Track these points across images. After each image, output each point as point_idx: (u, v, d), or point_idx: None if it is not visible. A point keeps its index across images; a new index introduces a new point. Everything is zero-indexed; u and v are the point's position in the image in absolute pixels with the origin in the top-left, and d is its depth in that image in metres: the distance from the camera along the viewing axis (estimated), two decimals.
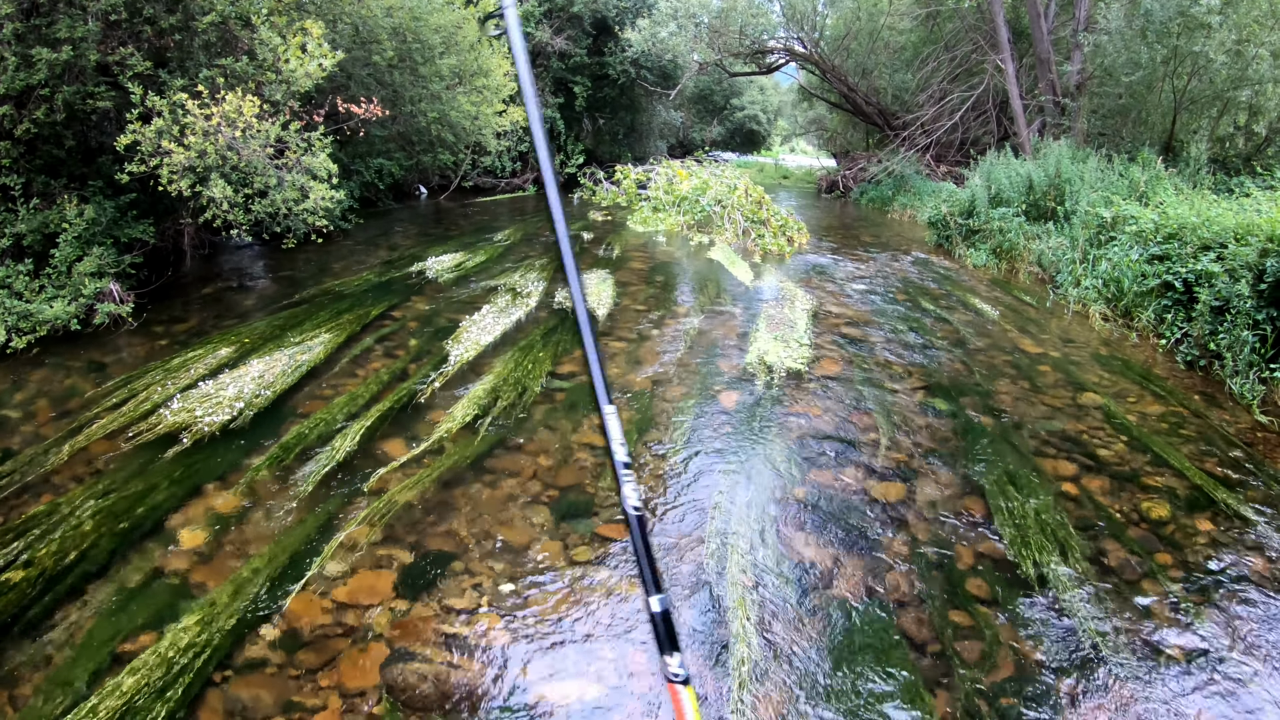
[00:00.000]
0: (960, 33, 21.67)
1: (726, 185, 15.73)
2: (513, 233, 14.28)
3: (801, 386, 6.79)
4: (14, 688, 3.31)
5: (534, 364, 6.97)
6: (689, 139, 36.46)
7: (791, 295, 9.79)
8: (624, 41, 22.64)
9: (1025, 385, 7.03)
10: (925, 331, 8.54)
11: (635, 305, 9.24)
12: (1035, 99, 17.94)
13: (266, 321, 8.01)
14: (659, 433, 5.84)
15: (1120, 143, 15.00)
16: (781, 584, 4.12)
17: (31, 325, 7.01)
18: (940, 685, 3.48)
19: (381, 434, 5.66)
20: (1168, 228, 8.88)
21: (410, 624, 3.77)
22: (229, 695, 3.32)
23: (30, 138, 7.47)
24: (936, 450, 5.72)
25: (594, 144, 25.45)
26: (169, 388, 6.21)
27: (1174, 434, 6.12)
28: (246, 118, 7.37)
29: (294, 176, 7.86)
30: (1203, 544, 4.64)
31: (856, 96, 24.29)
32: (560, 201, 1.67)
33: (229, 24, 7.81)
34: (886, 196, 20.61)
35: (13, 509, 4.57)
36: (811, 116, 33.58)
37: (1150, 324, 8.59)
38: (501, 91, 15.33)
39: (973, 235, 13.18)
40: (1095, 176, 12.37)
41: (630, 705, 3.30)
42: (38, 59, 6.83)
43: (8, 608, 3.73)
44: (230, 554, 4.27)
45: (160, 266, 9.40)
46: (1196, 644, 3.77)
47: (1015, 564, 4.37)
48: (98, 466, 5.09)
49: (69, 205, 7.65)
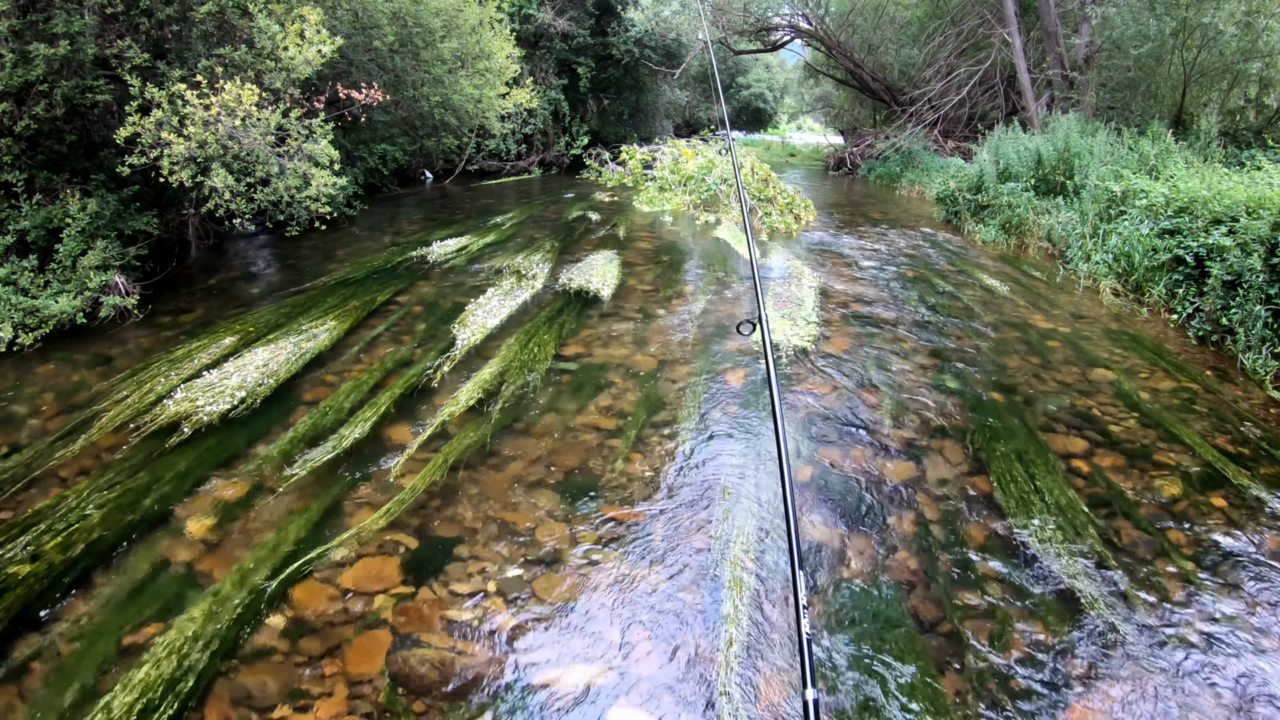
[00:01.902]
0: (966, 6, 21.47)
1: (732, 164, 15.63)
2: (517, 215, 14.22)
3: (809, 364, 6.74)
4: (23, 681, 3.31)
5: (539, 347, 6.94)
6: (695, 118, 36.28)
7: (799, 273, 9.73)
8: (627, 21, 22.54)
9: (1035, 361, 6.98)
10: (934, 308, 8.49)
11: (641, 285, 9.20)
12: (1043, 73, 17.78)
13: (272, 310, 8.00)
14: (666, 412, 5.81)
15: (1130, 116, 14.88)
16: (784, 564, 4.10)
17: (38, 321, 6.98)
18: (949, 666, 3.46)
19: (388, 420, 5.64)
20: (1178, 201, 8.78)
21: (416, 609, 3.75)
22: (236, 684, 3.31)
23: (31, 134, 7.43)
24: (945, 428, 5.68)
25: (599, 125, 25.37)
26: (173, 378, 6.20)
27: (1186, 410, 6.07)
28: (246, 106, 7.31)
29: (296, 164, 7.82)
30: (1215, 521, 4.60)
31: (863, 73, 24.13)
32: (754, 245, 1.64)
33: (227, 13, 7.75)
34: (894, 173, 20.50)
35: (20, 503, 4.57)
36: (818, 94, 33.42)
37: (1161, 299, 8.51)
38: (504, 74, 15.25)
39: (981, 211, 13.08)
40: (1105, 150, 12.24)
41: (636, 689, 3.29)
42: (35, 55, 6.78)
43: (15, 602, 3.73)
44: (237, 542, 4.26)
45: (165, 258, 9.38)
46: (1208, 623, 3.74)
47: (1024, 542, 4.33)
48: (104, 459, 5.09)
49: (72, 200, 7.62)
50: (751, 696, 3.25)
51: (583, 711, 3.20)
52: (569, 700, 3.24)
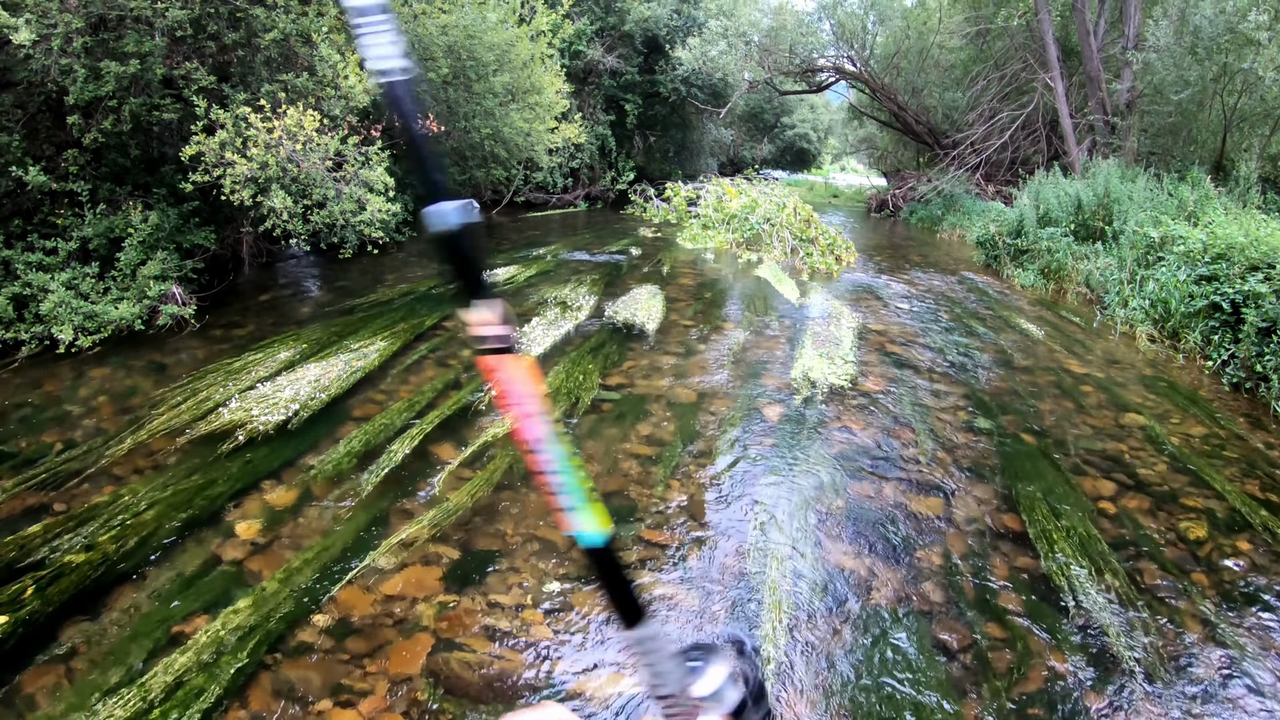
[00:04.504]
0: (1010, 51, 21.64)
1: (775, 203, 15.85)
2: (563, 247, 14.51)
3: (845, 402, 6.89)
4: (71, 662, 3.54)
5: (583, 375, 7.14)
6: (739, 157, 36.57)
7: (838, 313, 9.88)
8: (675, 60, 22.86)
9: (1069, 405, 7.07)
10: (970, 350, 8.60)
11: (683, 320, 9.39)
12: (1085, 117, 17.85)
13: (322, 328, 8.29)
14: (704, 443, 5.98)
15: (1170, 161, 14.92)
16: (817, 591, 4.24)
17: (97, 325, 7.34)
18: (969, 695, 3.58)
19: (434, 438, 5.86)
20: (1216, 248, 8.85)
21: (456, 617, 3.94)
22: (280, 677, 3.52)
23: (97, 146, 7.80)
24: (976, 467, 5.79)
25: (645, 161, 25.69)
26: (230, 388, 6.48)
27: (1216, 456, 6.14)
28: (307, 131, 7.65)
29: (351, 189, 8.12)
30: (1240, 566, 4.68)
31: (906, 115, 24.30)
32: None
33: (290, 41, 8.11)
34: (935, 216, 20.57)
35: (74, 497, 4.84)
36: (861, 135, 33.61)
37: (1197, 345, 8.57)
38: (554, 108, 15.57)
39: (1021, 255, 13.16)
40: (1144, 196, 12.31)
41: None
42: (106, 72, 7.13)
43: (69, 588, 3.96)
44: (285, 545, 4.49)
45: (220, 272, 9.72)
46: (1229, 665, 3.82)
47: (1049, 579, 4.44)
48: (159, 460, 5.35)
49: (134, 211, 7.98)
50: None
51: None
52: (603, 708, 3.40)
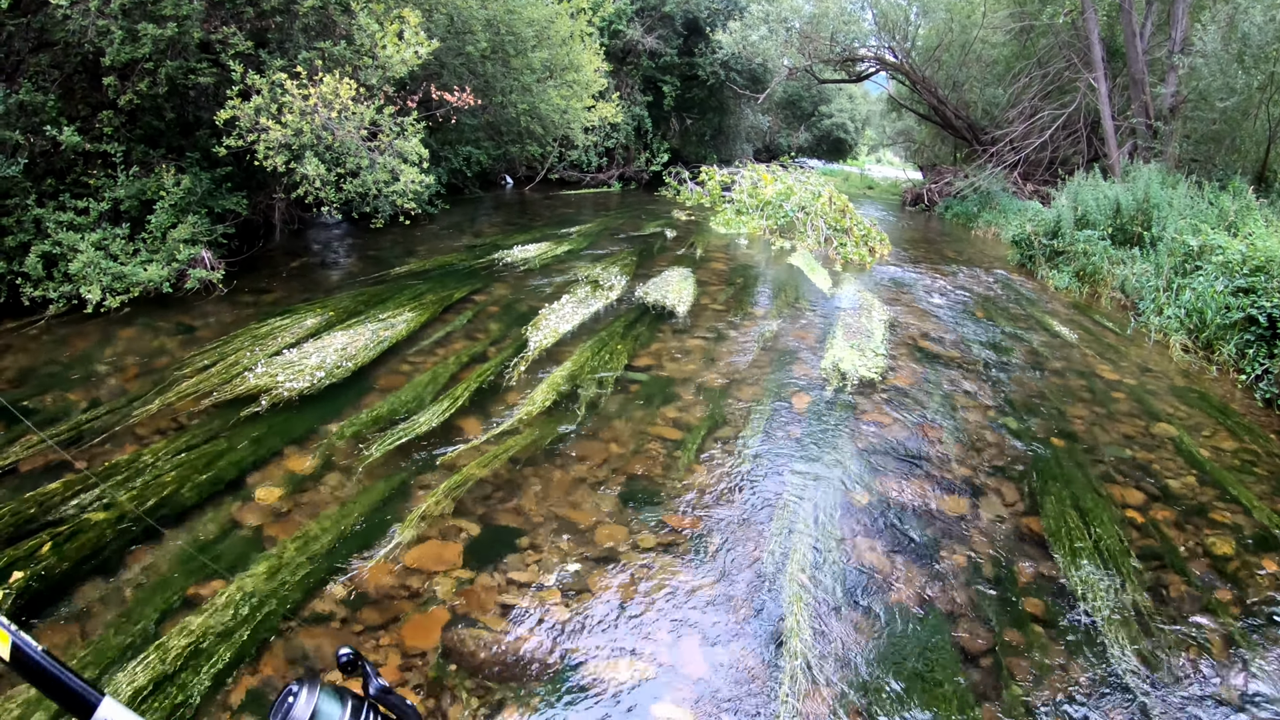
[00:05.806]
0: (1053, 49, 21.32)
1: (810, 192, 15.74)
2: (595, 227, 14.50)
3: (874, 395, 6.85)
4: (85, 621, 3.57)
5: (611, 355, 7.13)
6: (775, 143, 36.31)
7: (869, 305, 9.81)
8: (714, 43, 22.67)
9: (1099, 411, 7.00)
10: (1001, 350, 8.53)
11: (714, 305, 9.37)
12: (1127, 120, 17.59)
13: (351, 296, 8.34)
14: (730, 429, 5.97)
15: (1212, 169, 14.70)
16: (839, 585, 4.22)
17: (125, 286, 7.40)
18: (987, 698, 3.56)
19: (460, 412, 5.87)
20: (1255, 260, 8.72)
21: (473, 593, 3.96)
22: (293, 644, 3.55)
23: (132, 108, 7.84)
24: (1003, 468, 5.75)
25: (680, 143, 25.56)
26: (256, 354, 6.52)
27: (1246, 471, 6.06)
28: (343, 100, 7.65)
29: (385, 159, 8.13)
30: (1266, 584, 4.63)
31: (946, 109, 24.03)
32: None
33: (329, 9, 8.13)
34: (971, 212, 20.35)
35: (95, 456, 4.89)
36: (900, 127, 33.25)
37: (1231, 358, 8.45)
38: (591, 87, 15.50)
39: (1056, 257, 13.00)
40: (1184, 203, 12.13)
41: (681, 689, 3.44)
42: (144, 34, 7.14)
43: (86, 544, 4.01)
44: (305, 512, 4.53)
45: (250, 238, 9.79)
46: (1250, 684, 3.78)
47: (1072, 588, 4.40)
48: (181, 422, 5.40)
49: (167, 174, 8.03)
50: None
51: (628, 704, 3.36)
52: (615, 691, 3.41)
